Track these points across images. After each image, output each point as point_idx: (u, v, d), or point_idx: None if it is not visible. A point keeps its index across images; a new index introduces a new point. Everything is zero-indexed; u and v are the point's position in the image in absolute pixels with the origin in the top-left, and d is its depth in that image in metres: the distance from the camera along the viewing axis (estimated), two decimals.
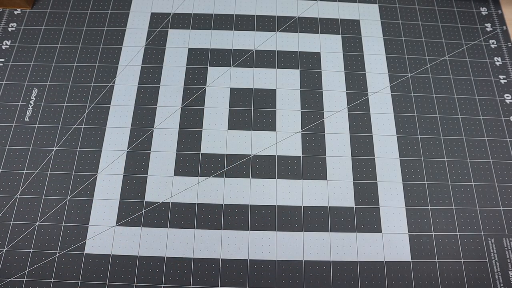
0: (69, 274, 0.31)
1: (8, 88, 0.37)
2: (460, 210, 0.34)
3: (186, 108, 0.37)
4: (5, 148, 0.35)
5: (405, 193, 0.34)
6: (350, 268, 0.31)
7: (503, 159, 0.36)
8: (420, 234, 0.33)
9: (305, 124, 0.36)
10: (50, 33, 0.40)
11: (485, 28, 0.42)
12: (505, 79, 0.39)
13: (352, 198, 0.34)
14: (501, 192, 0.35)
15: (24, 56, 0.39)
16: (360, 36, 0.41)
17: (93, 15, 0.41)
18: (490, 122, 0.37)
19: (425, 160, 0.35)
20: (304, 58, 0.39)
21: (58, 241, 0.32)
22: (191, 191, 0.34)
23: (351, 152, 0.36)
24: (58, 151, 0.35)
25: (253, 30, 0.41)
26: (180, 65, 0.39)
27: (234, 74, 0.38)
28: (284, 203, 0.34)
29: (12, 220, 0.32)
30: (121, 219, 0.33)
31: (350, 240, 0.32)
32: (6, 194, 0.33)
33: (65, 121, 0.36)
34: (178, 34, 0.40)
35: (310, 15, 0.42)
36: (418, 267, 0.32)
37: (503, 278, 0.32)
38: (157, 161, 0.35)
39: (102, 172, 0.34)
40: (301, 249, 0.32)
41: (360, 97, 0.38)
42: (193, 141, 0.36)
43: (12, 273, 0.31)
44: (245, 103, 0.37)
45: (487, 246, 0.33)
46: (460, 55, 0.40)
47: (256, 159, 0.35)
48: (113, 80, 0.38)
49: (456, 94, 0.38)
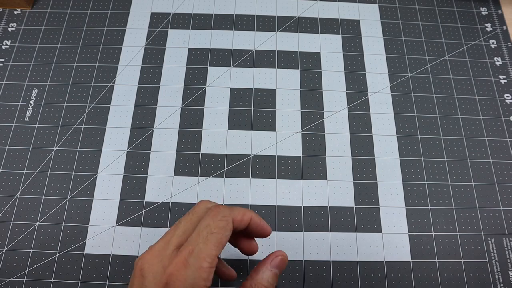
0: (69, 274, 0.31)
1: (8, 88, 0.37)
2: (460, 210, 0.34)
3: (186, 108, 0.37)
4: (5, 148, 0.35)
5: (405, 193, 0.34)
6: (350, 268, 0.31)
7: (503, 159, 0.36)
8: (420, 234, 0.33)
9: (305, 124, 0.37)
10: (50, 33, 0.40)
11: (485, 28, 0.42)
12: (505, 79, 0.39)
13: (352, 198, 0.34)
14: (501, 192, 0.35)
15: (24, 56, 0.39)
16: (360, 36, 0.41)
17: (93, 15, 0.41)
18: (490, 122, 0.37)
19: (425, 160, 0.36)
20: (304, 58, 0.39)
21: (58, 241, 0.32)
22: (191, 191, 0.34)
23: (351, 152, 0.36)
24: (58, 151, 0.35)
25: (253, 30, 0.41)
26: (180, 65, 0.39)
27: (234, 74, 0.38)
28: (284, 203, 0.34)
29: (12, 220, 0.32)
30: (121, 219, 0.33)
31: (350, 240, 0.32)
32: (6, 194, 0.33)
33: (65, 121, 0.36)
34: (178, 34, 0.40)
35: (310, 15, 0.42)
36: (418, 267, 0.32)
37: (503, 278, 0.32)
38: (157, 161, 0.35)
39: (102, 172, 0.34)
40: (301, 249, 0.32)
41: (360, 97, 0.38)
42: (193, 141, 0.36)
43: (12, 273, 0.31)
44: (245, 103, 0.37)
45: (487, 246, 0.33)
46: (460, 55, 0.40)
47: (256, 159, 0.35)
48: (113, 80, 0.38)
49: (456, 94, 0.38)
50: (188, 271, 0.20)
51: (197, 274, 0.20)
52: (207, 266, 0.20)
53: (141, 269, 0.21)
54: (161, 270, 0.21)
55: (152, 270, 0.21)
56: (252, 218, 0.24)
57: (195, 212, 0.23)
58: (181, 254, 0.21)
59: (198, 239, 0.21)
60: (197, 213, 0.23)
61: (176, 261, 0.20)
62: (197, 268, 0.20)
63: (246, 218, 0.23)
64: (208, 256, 0.21)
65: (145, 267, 0.21)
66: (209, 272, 0.21)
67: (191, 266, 0.20)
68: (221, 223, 0.22)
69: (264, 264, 0.24)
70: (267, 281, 0.23)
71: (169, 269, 0.20)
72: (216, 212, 0.22)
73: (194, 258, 0.20)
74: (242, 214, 0.23)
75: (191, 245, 0.21)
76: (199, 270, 0.20)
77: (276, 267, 0.24)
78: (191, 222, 0.23)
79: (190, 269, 0.20)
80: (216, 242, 0.21)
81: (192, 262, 0.20)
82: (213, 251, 0.21)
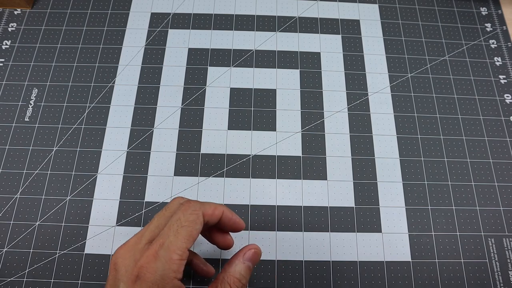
0: (69, 274, 0.31)
1: (8, 88, 0.37)
2: (460, 210, 0.34)
3: (186, 108, 0.37)
4: (5, 148, 0.35)
5: (405, 193, 0.34)
6: (350, 268, 0.31)
7: (503, 159, 0.36)
8: (420, 234, 0.33)
9: (305, 124, 0.37)
10: (50, 33, 0.40)
11: (485, 28, 0.42)
12: (505, 79, 0.39)
13: (352, 198, 0.34)
14: (501, 192, 0.35)
15: (24, 56, 0.39)
16: (360, 36, 0.41)
17: (93, 15, 0.41)
18: (490, 122, 0.37)
19: (425, 160, 0.36)
20: (304, 58, 0.39)
21: (58, 241, 0.32)
22: (191, 191, 0.34)
23: (351, 152, 0.36)
24: (58, 151, 0.35)
25: (253, 30, 0.41)
26: (180, 65, 0.39)
27: (234, 74, 0.38)
28: (284, 203, 0.34)
29: (12, 220, 0.32)
30: (121, 219, 0.33)
31: (350, 240, 0.32)
32: (6, 194, 0.33)
33: (65, 121, 0.36)
34: (178, 34, 0.40)
35: (310, 15, 0.42)
36: (418, 267, 0.32)
37: (503, 278, 0.32)
38: (157, 161, 0.35)
39: (102, 172, 0.34)
40: (301, 249, 0.32)
41: (360, 97, 0.38)
42: (193, 141, 0.36)
43: (12, 273, 0.31)
44: (245, 103, 0.37)
45: (487, 246, 0.33)
46: (460, 55, 0.40)
47: (256, 159, 0.35)
48: (113, 80, 0.38)
49: (456, 94, 0.38)
50: (158, 263, 0.21)
51: (167, 266, 0.21)
52: (177, 258, 0.21)
53: (115, 263, 0.22)
54: (132, 263, 0.21)
55: (124, 264, 0.21)
56: (224, 212, 0.25)
57: (168, 208, 0.24)
58: (152, 247, 0.21)
59: (169, 232, 0.22)
60: (170, 209, 0.24)
61: (147, 254, 0.21)
62: (167, 260, 0.21)
63: (217, 212, 0.24)
64: (178, 249, 0.21)
65: (118, 262, 0.22)
66: (179, 264, 0.21)
67: (161, 258, 0.21)
68: (192, 217, 0.22)
69: (237, 257, 0.25)
70: (240, 274, 0.24)
71: (140, 262, 0.21)
72: (187, 207, 0.23)
73: (164, 250, 0.21)
74: (213, 208, 0.24)
75: (162, 238, 0.21)
76: (169, 262, 0.21)
77: (249, 260, 0.25)
78: (164, 217, 0.23)
79: (160, 261, 0.21)
80: (186, 235, 0.22)
81: (162, 254, 0.21)
82: (183, 244, 0.21)
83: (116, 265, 0.22)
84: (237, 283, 0.23)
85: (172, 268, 0.21)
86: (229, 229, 0.26)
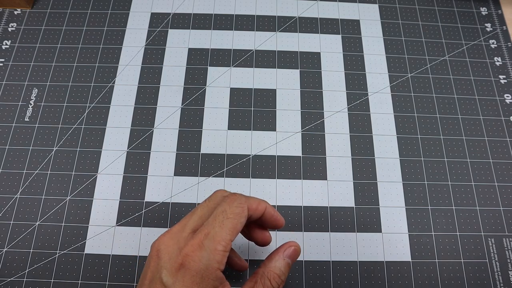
0: (69, 274, 0.31)
1: (8, 88, 0.37)
2: (460, 210, 0.34)
3: (186, 108, 0.37)
4: (5, 148, 0.35)
5: (405, 193, 0.34)
6: (350, 268, 0.31)
7: (503, 159, 0.36)
8: (420, 234, 0.33)
9: (305, 124, 0.37)
10: (50, 33, 0.40)
11: (485, 28, 0.42)
12: (505, 79, 0.39)
13: (352, 198, 0.34)
14: (501, 192, 0.35)
15: (24, 56, 0.39)
16: (360, 36, 0.41)
17: (93, 15, 0.41)
18: (490, 122, 0.37)
19: (425, 160, 0.36)
20: (304, 58, 0.39)
21: (58, 241, 0.32)
22: (191, 191, 0.34)
23: (351, 152, 0.36)
24: (58, 151, 0.35)
25: (253, 30, 0.41)
26: (180, 65, 0.39)
27: (234, 74, 0.38)
28: (284, 203, 0.34)
29: (12, 220, 0.32)
30: (121, 219, 0.33)
31: (350, 240, 0.32)
32: (6, 194, 0.33)
33: (65, 121, 0.36)
34: (178, 34, 0.40)
35: (310, 15, 0.42)
36: (418, 267, 0.32)
37: (503, 278, 0.32)
38: (157, 161, 0.35)
39: (102, 172, 0.34)
40: (301, 249, 0.32)
41: (360, 97, 0.38)
42: (193, 141, 0.36)
43: (12, 273, 0.31)
44: (245, 103, 0.37)
45: (487, 246, 0.33)
46: (460, 55, 0.40)
47: (256, 159, 0.35)
48: (113, 80, 0.38)
49: (456, 94, 0.38)
50: (203, 252, 0.21)
51: (212, 256, 0.21)
52: (221, 249, 0.21)
53: (158, 250, 0.22)
54: (176, 251, 0.21)
55: (168, 251, 0.21)
56: (267, 208, 0.25)
57: (212, 199, 0.24)
58: (197, 236, 0.21)
59: (214, 223, 0.22)
60: (214, 200, 0.24)
61: (191, 242, 0.21)
62: (212, 250, 0.21)
63: (261, 207, 0.24)
64: (223, 240, 0.21)
65: (161, 248, 0.22)
66: (223, 256, 0.21)
67: (206, 248, 0.21)
68: (237, 210, 0.22)
69: (278, 253, 0.25)
70: (280, 270, 0.24)
71: (185, 250, 0.21)
72: (233, 199, 0.23)
73: (209, 240, 0.21)
74: (257, 203, 0.24)
75: (207, 229, 0.21)
76: (213, 253, 0.21)
77: (289, 257, 0.25)
78: (208, 208, 0.23)
79: (205, 251, 0.21)
80: (231, 227, 0.22)
81: (207, 244, 0.21)
82: (228, 235, 0.21)
83: (159, 252, 0.21)
84: (276, 279, 0.23)
85: (216, 258, 0.21)
86: (269, 225, 0.26)
